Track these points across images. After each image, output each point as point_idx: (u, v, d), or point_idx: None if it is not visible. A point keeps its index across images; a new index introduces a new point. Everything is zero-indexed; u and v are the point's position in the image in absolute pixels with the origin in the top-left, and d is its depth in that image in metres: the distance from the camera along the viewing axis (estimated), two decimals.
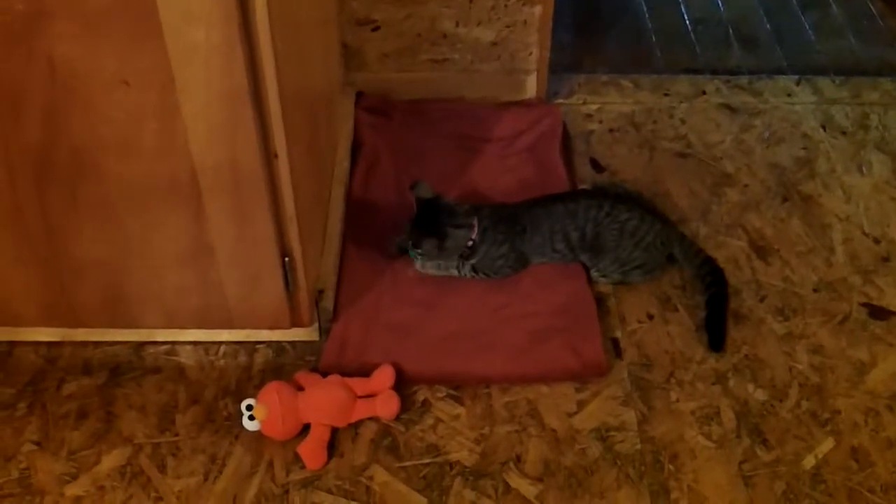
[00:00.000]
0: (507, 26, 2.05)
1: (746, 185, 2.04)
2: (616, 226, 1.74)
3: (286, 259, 1.48)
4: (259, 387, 1.57)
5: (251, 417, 1.52)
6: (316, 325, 1.66)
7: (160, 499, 1.48)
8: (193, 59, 1.20)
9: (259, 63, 1.24)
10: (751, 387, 1.65)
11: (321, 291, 1.68)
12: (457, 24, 2.04)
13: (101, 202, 1.41)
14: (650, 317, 1.76)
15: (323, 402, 1.53)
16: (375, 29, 2.05)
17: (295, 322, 1.58)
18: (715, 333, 1.71)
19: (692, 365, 1.68)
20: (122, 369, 1.65)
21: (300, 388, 1.56)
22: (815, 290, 1.82)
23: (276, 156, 1.35)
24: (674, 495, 1.49)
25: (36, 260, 1.49)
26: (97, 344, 1.68)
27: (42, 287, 1.53)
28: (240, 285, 1.50)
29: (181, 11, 1.15)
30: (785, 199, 2.01)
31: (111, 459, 1.53)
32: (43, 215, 1.42)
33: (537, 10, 2.04)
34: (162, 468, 1.52)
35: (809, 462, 1.54)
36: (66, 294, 1.54)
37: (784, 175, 2.07)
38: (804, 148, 2.14)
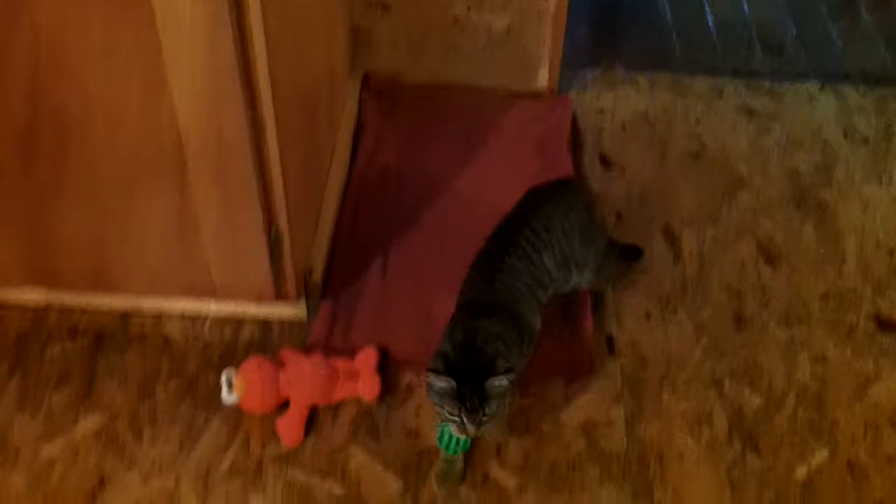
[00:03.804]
0: (522, 14, 2.01)
1: (760, 189, 1.98)
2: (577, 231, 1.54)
3: (272, 232, 1.46)
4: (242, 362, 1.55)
5: (230, 389, 1.49)
6: (303, 303, 1.64)
7: (134, 465, 1.46)
8: (180, 31, 1.18)
9: (249, 38, 1.22)
10: (747, 392, 1.59)
11: (311, 270, 1.65)
12: (469, 9, 2.01)
13: (86, 172, 1.40)
14: (648, 316, 1.71)
15: (304, 378, 1.51)
16: (386, 11, 2.02)
17: (280, 296, 1.56)
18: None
19: (688, 367, 1.63)
20: (106, 337, 1.64)
21: (283, 365, 1.54)
22: (822, 299, 1.76)
23: (263, 131, 1.33)
24: (657, 495, 1.44)
25: (20, 223, 1.49)
26: (83, 311, 1.67)
27: (27, 249, 1.52)
28: (224, 256, 1.49)
29: None
30: (799, 206, 1.95)
31: (89, 423, 1.52)
32: (27, 183, 1.41)
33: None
34: (138, 435, 1.50)
35: (802, 472, 1.49)
36: (51, 258, 1.53)
37: (800, 181, 2.01)
38: (823, 155, 2.08)
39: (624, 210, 1.91)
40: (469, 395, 1.26)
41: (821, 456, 1.51)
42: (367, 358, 1.55)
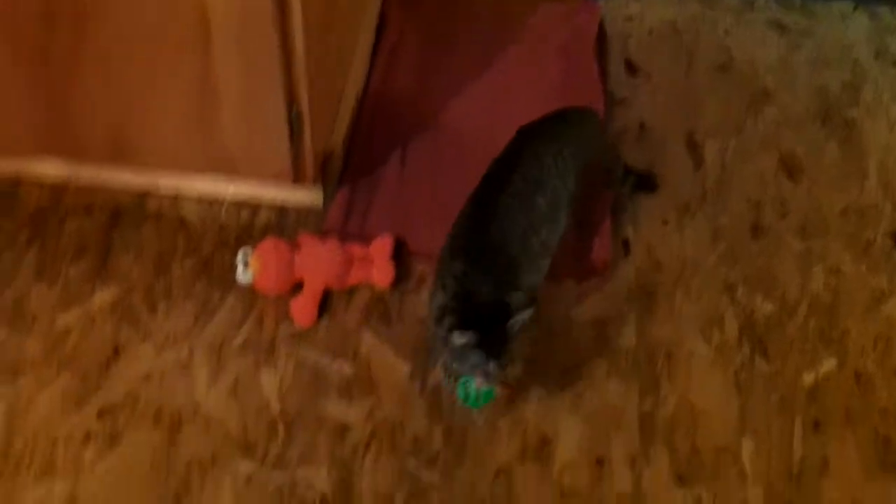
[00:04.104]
0: None
1: (786, 105, 1.95)
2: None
3: (293, 111, 1.45)
4: None
5: (245, 268, 1.50)
6: (320, 189, 1.63)
7: (148, 337, 1.48)
8: None
9: None
10: (759, 299, 1.59)
11: (329, 155, 1.64)
12: None
13: (108, 40, 1.38)
14: (665, 222, 1.70)
15: (319, 261, 1.51)
16: None
17: (298, 178, 1.56)
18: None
19: (702, 271, 1.63)
20: (124, 214, 1.64)
21: (298, 247, 1.54)
22: (842, 214, 1.74)
23: (289, 7, 1.31)
24: (663, 392, 1.46)
25: (41, 91, 1.48)
26: (101, 189, 1.67)
27: (46, 117, 1.52)
28: (244, 132, 1.48)
29: None
30: (825, 123, 1.92)
31: (105, 294, 1.53)
32: (47, 51, 1.40)
33: None
34: (153, 309, 1.52)
35: (809, 379, 1.49)
36: (71, 126, 1.53)
37: (827, 99, 1.97)
38: (853, 74, 2.04)
39: (648, 118, 1.88)
40: (492, 342, 1.22)
41: (829, 364, 1.52)
42: (382, 245, 1.56)
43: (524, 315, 1.23)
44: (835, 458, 1.41)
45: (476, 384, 1.30)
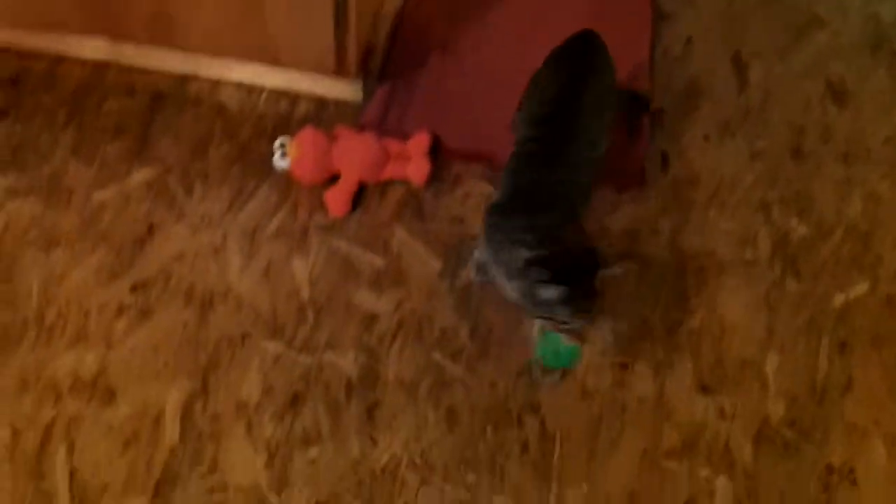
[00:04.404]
0: None
1: (837, 32, 1.90)
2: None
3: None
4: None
5: (283, 155, 1.50)
6: (360, 83, 1.62)
7: (183, 218, 1.50)
8: None
9: None
10: (795, 220, 1.58)
11: (371, 50, 1.63)
12: None
13: None
14: (706, 138, 1.68)
15: (356, 152, 1.51)
16: None
17: (340, 70, 1.54)
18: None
19: (738, 189, 1.61)
20: (163, 97, 1.64)
21: (336, 139, 1.54)
22: (886, 143, 1.71)
23: None
24: (691, 304, 1.45)
25: None
26: (142, 71, 1.67)
27: None
28: (289, 19, 1.46)
29: None
30: (875, 52, 1.87)
31: (141, 175, 1.54)
32: None
33: None
34: (189, 191, 1.53)
35: (839, 301, 1.49)
36: (114, 4, 1.51)
37: (880, 27, 1.92)
38: None
39: (695, 33, 1.85)
40: (581, 296, 1.15)
41: (861, 288, 1.51)
42: (419, 142, 1.55)
43: (617, 270, 1.18)
44: (859, 379, 1.41)
45: (562, 341, 1.23)
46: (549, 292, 1.15)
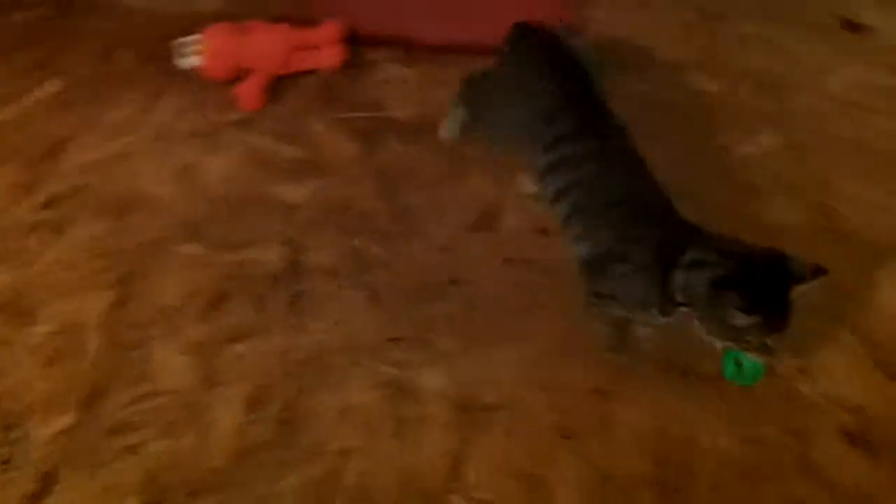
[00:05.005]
0: None
1: None
2: None
3: None
4: None
5: (187, 54, 1.45)
6: None
7: (94, 127, 1.45)
8: None
9: None
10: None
11: None
12: None
13: None
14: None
15: (266, 45, 1.46)
16: None
17: None
18: None
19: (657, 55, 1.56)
20: (68, 5, 1.58)
21: (246, 32, 1.49)
22: None
23: None
24: None
25: None
26: None
27: None
28: None
29: None
30: None
31: (49, 87, 1.49)
32: None
33: None
34: (97, 100, 1.48)
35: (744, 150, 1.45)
36: None
37: None
38: None
39: None
40: (774, 316, 1.00)
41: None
42: (330, 29, 1.50)
43: (809, 287, 1.00)
44: None
45: (751, 358, 1.10)
46: (742, 319, 1.01)
